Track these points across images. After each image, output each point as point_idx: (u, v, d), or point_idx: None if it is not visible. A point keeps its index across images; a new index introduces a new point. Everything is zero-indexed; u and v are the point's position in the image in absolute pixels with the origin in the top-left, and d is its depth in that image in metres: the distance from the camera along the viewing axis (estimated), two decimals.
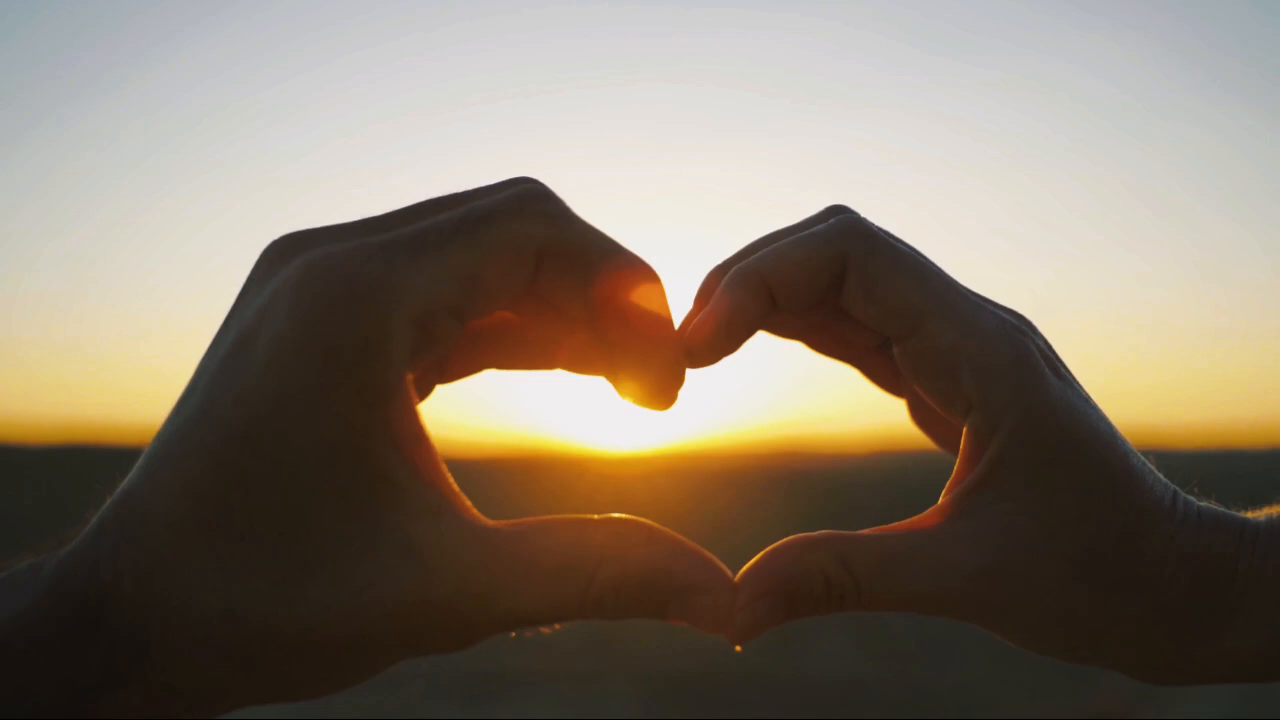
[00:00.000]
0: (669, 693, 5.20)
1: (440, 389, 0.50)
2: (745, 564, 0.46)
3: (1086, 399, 0.49)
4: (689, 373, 0.48)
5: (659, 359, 0.46)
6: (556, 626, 0.44)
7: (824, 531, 0.47)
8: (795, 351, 0.54)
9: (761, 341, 0.51)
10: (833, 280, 0.47)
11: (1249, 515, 0.50)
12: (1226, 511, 0.50)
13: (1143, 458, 0.49)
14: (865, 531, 0.47)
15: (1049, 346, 0.49)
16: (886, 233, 0.48)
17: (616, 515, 0.44)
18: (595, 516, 0.44)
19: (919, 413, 0.55)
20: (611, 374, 0.48)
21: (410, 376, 0.43)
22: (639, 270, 0.45)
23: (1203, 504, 0.50)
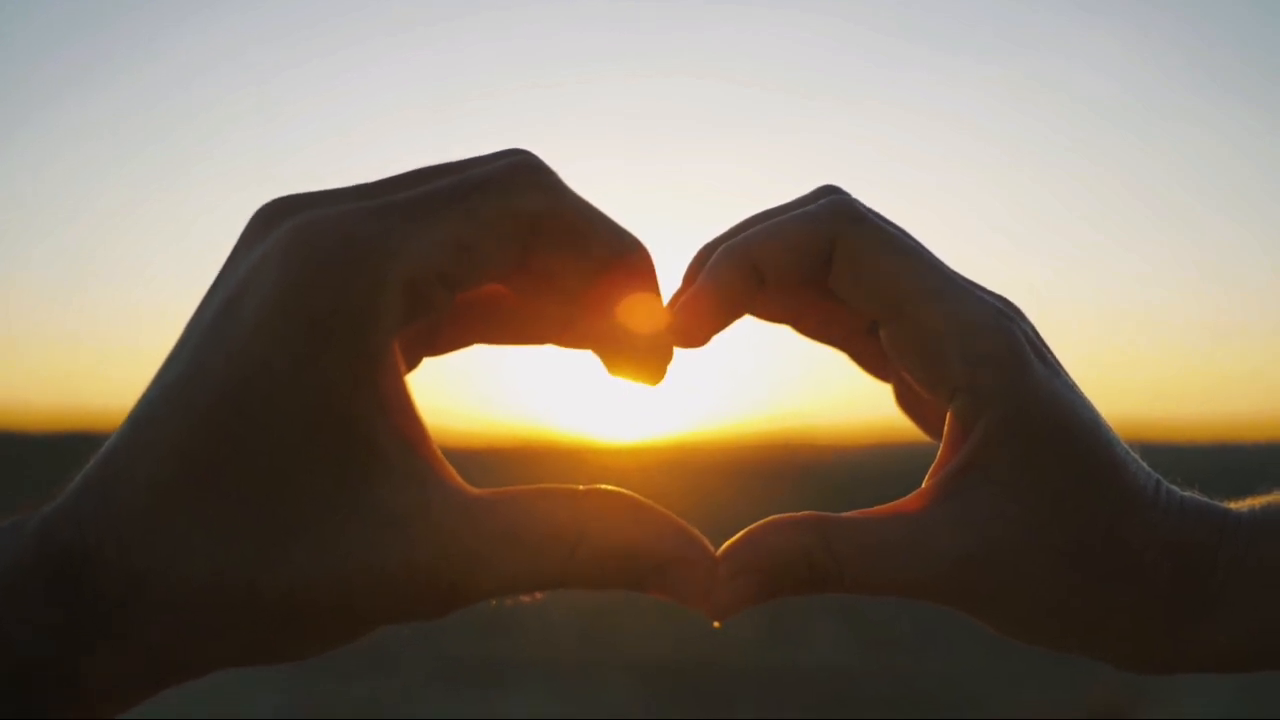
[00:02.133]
0: (663, 682, 5.21)
1: (432, 370, 0.50)
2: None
3: (1072, 386, 0.48)
4: (679, 352, 0.48)
5: (647, 334, 0.47)
6: (538, 595, 0.44)
7: (808, 512, 0.46)
8: (794, 342, 0.53)
9: (759, 331, 0.51)
10: (821, 260, 0.47)
11: (1233, 506, 0.50)
12: (1210, 501, 0.49)
13: (1126, 446, 0.49)
14: (849, 514, 0.47)
15: (1036, 333, 0.49)
16: (876, 214, 0.48)
17: (601, 486, 0.44)
18: (580, 487, 0.44)
19: (905, 397, 0.55)
20: (600, 348, 0.48)
21: (397, 344, 0.43)
22: (629, 244, 0.45)
23: (1186, 493, 0.49)
